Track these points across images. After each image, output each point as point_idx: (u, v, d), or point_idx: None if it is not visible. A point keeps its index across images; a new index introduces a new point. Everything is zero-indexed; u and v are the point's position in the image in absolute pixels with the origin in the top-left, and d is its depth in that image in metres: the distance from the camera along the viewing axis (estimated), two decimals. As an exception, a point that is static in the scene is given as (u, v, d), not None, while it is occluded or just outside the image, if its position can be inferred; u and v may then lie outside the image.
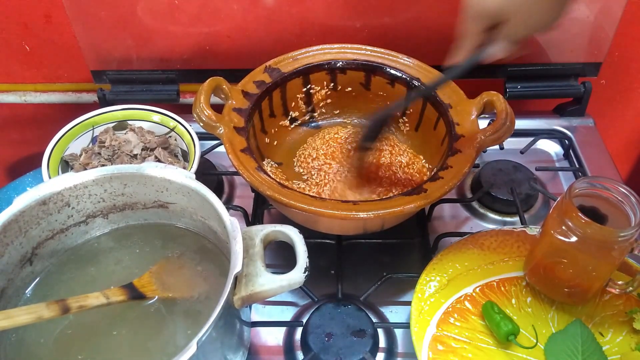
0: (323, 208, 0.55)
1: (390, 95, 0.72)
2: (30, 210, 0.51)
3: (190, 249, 0.57)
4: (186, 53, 0.83)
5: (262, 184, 0.57)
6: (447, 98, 0.66)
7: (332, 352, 0.57)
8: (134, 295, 0.52)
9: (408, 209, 0.55)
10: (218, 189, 0.78)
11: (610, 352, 0.55)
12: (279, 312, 0.65)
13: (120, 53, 0.83)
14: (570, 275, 0.56)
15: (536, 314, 0.59)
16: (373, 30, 0.81)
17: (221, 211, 0.50)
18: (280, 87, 0.70)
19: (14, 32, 0.86)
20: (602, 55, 0.84)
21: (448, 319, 0.58)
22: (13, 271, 0.52)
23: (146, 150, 0.73)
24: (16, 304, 0.53)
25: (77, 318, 0.51)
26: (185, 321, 0.51)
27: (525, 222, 0.71)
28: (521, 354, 0.55)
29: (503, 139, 0.61)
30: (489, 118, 0.78)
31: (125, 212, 0.58)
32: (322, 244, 0.68)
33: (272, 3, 0.78)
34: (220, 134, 0.61)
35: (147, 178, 0.55)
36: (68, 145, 0.72)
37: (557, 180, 0.80)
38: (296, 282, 0.49)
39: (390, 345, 0.61)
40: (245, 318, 0.55)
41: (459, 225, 0.74)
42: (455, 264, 0.62)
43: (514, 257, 0.63)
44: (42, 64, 0.91)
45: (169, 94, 0.86)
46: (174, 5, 0.78)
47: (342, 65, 0.71)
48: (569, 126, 0.87)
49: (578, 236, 0.52)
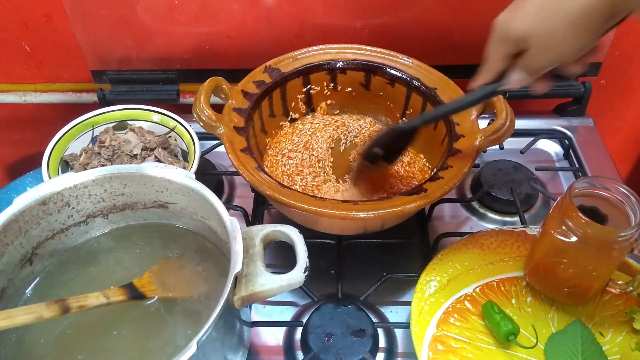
0: (323, 208, 0.55)
1: (390, 95, 0.72)
2: (30, 210, 0.51)
3: (190, 249, 0.57)
4: (186, 53, 0.83)
5: (262, 183, 0.57)
6: (447, 98, 0.66)
7: (332, 352, 0.57)
8: (134, 295, 0.52)
9: (408, 209, 0.55)
10: (218, 189, 0.78)
11: (610, 352, 0.55)
12: (279, 312, 0.65)
13: (120, 53, 0.83)
14: (570, 275, 0.56)
15: (536, 314, 0.59)
16: (373, 30, 0.81)
17: (221, 211, 0.50)
18: (280, 87, 0.70)
19: (14, 32, 0.86)
20: (602, 55, 0.84)
21: (448, 319, 0.58)
22: (13, 271, 0.52)
23: (146, 150, 0.73)
24: (16, 304, 0.53)
25: (77, 318, 0.51)
26: (185, 321, 0.51)
27: (525, 222, 0.71)
28: (521, 354, 0.55)
29: (503, 139, 0.61)
30: (489, 118, 0.78)
31: (125, 212, 0.58)
32: (322, 244, 0.68)
33: (272, 3, 0.78)
34: (220, 133, 0.61)
35: (147, 178, 0.55)
36: (68, 145, 0.72)
37: (557, 180, 0.80)
38: (296, 282, 0.49)
39: (390, 345, 0.61)
40: (245, 318, 0.55)
41: (459, 225, 0.74)
42: (455, 264, 0.62)
43: (514, 257, 0.63)
44: (42, 64, 0.91)
45: (169, 94, 0.86)
46: (173, 6, 0.78)
47: (342, 65, 0.71)
48: (569, 126, 0.87)
49: (578, 236, 0.52)
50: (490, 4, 0.78)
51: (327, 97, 0.74)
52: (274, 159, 0.69)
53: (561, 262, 0.55)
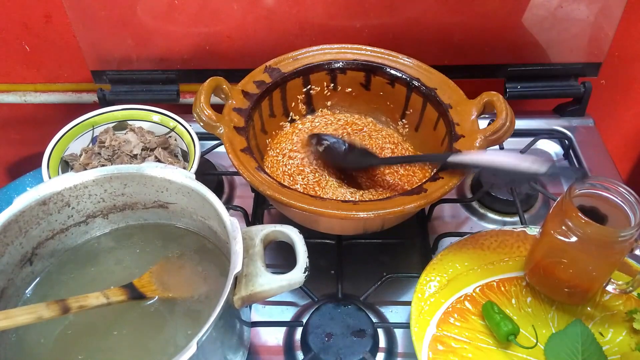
0: (323, 208, 0.55)
1: (390, 96, 0.72)
2: (30, 210, 0.51)
3: (190, 249, 0.57)
4: (186, 53, 0.83)
5: (262, 184, 0.57)
6: (447, 98, 0.66)
7: (332, 352, 0.57)
8: (134, 295, 0.52)
9: (408, 209, 0.55)
10: (218, 189, 0.78)
11: (610, 352, 0.55)
12: (279, 312, 0.65)
13: (120, 53, 0.83)
14: (570, 275, 0.56)
15: (536, 314, 0.59)
16: (373, 30, 0.81)
17: (221, 211, 0.50)
18: (280, 87, 0.70)
19: (14, 32, 0.86)
20: (602, 55, 0.84)
21: (448, 319, 0.58)
22: (13, 271, 0.52)
23: (146, 150, 0.73)
24: (16, 304, 0.53)
25: (77, 318, 0.51)
26: (185, 321, 0.51)
27: (525, 222, 0.71)
28: (521, 354, 0.55)
29: (503, 139, 0.61)
30: (489, 118, 0.78)
31: (125, 212, 0.58)
32: (322, 244, 0.68)
33: (272, 3, 0.78)
34: (220, 133, 0.61)
35: (147, 178, 0.55)
36: (68, 145, 0.72)
37: (557, 181, 0.80)
38: (296, 282, 0.49)
39: (390, 345, 0.61)
40: (245, 318, 0.55)
41: (459, 225, 0.74)
42: (455, 264, 0.62)
43: (514, 257, 0.63)
44: (42, 64, 0.91)
45: (169, 94, 0.86)
46: (173, 6, 0.78)
47: (342, 66, 0.71)
48: (569, 126, 0.87)
49: (578, 236, 0.52)
50: (490, 4, 0.78)
51: (327, 98, 0.74)
52: (274, 159, 0.69)
53: (561, 262, 0.55)
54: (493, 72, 0.85)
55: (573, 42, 0.82)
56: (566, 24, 0.80)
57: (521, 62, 0.84)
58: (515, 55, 0.84)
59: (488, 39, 0.81)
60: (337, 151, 0.67)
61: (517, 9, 0.79)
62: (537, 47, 0.83)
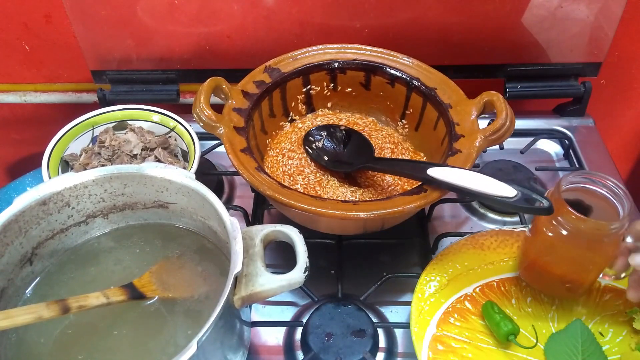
0: (323, 208, 0.55)
1: (390, 95, 0.72)
2: (30, 210, 0.51)
3: (190, 249, 0.57)
4: (186, 53, 0.83)
5: (262, 184, 0.57)
6: (447, 98, 0.66)
7: (332, 352, 0.57)
8: (134, 295, 0.52)
9: (408, 208, 0.55)
10: (218, 189, 0.78)
11: (610, 352, 0.55)
12: (279, 312, 0.65)
13: (120, 53, 0.83)
14: (564, 271, 0.56)
15: (536, 314, 0.59)
16: (373, 30, 0.81)
17: (221, 211, 0.50)
18: (280, 87, 0.70)
19: (14, 32, 0.86)
20: (602, 55, 0.84)
21: (448, 319, 0.58)
22: (13, 271, 0.52)
23: (146, 150, 0.73)
24: (16, 304, 0.53)
25: (77, 318, 0.51)
26: (185, 321, 0.51)
27: (525, 222, 0.71)
28: (521, 354, 0.55)
29: (503, 139, 0.61)
30: (489, 118, 0.78)
31: (125, 212, 0.58)
32: (322, 244, 0.68)
33: (272, 3, 0.78)
34: (220, 134, 0.61)
35: (147, 178, 0.55)
36: (68, 145, 0.72)
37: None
38: (296, 282, 0.49)
39: (390, 345, 0.61)
40: (245, 318, 0.55)
41: (459, 225, 0.74)
42: (455, 264, 0.62)
43: (514, 257, 0.63)
44: (42, 64, 0.91)
45: (169, 94, 0.86)
46: (173, 5, 0.78)
47: (342, 65, 0.71)
48: (569, 126, 0.87)
49: (569, 231, 0.52)
50: (490, 4, 0.78)
51: (327, 97, 0.74)
52: (274, 159, 0.69)
53: (554, 258, 0.55)
54: (493, 72, 0.85)
55: (573, 42, 0.82)
56: (566, 24, 0.80)
57: (521, 62, 0.84)
58: (515, 55, 0.84)
59: (488, 39, 0.81)
60: (333, 146, 0.67)
61: (517, 9, 0.79)
62: (537, 47, 0.83)
